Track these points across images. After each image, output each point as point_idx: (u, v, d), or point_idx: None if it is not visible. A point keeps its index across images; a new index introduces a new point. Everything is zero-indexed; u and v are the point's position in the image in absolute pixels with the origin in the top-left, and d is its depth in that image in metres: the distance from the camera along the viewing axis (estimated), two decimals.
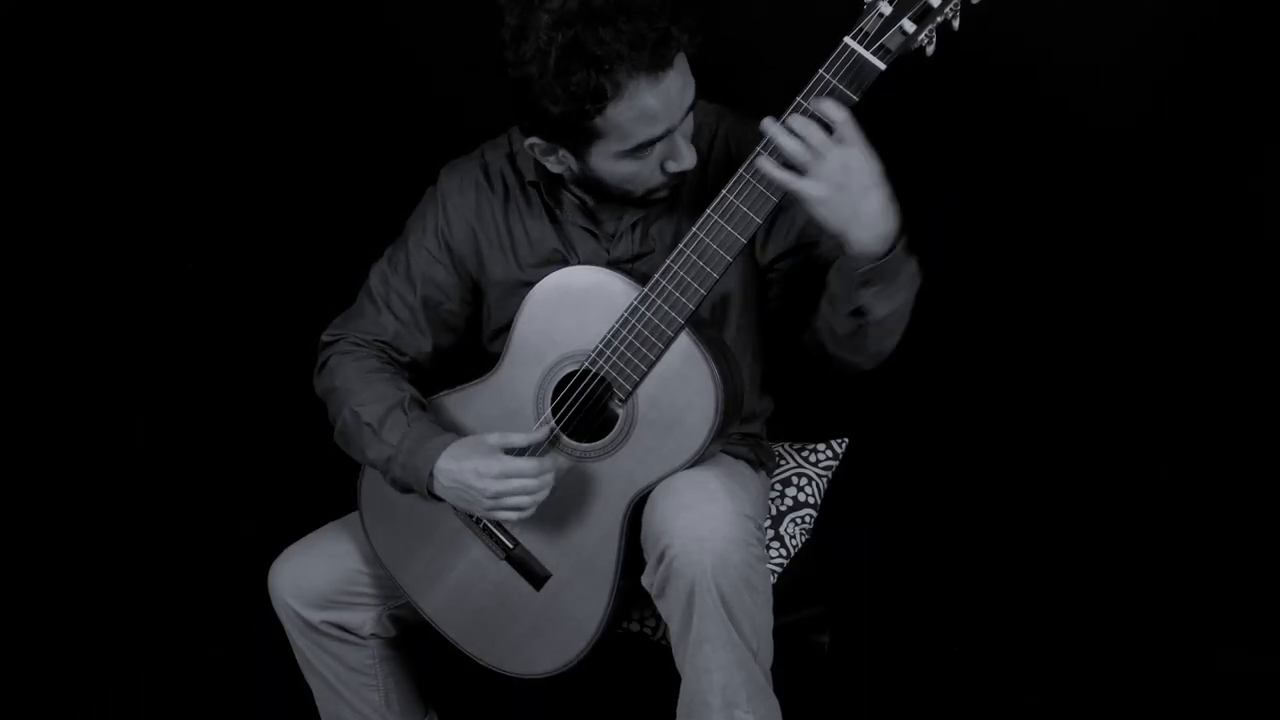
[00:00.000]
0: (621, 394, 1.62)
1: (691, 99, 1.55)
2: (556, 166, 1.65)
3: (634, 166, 1.58)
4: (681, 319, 1.56)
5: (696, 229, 1.55)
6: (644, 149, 1.55)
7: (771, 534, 1.85)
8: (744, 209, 1.52)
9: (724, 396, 1.58)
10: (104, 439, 2.68)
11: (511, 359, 1.70)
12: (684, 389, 1.59)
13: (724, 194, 1.53)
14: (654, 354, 1.58)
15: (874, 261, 1.48)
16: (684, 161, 1.58)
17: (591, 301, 1.63)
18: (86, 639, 2.46)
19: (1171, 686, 2.15)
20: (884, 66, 1.46)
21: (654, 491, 1.61)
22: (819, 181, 1.45)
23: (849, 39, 1.46)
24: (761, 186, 1.51)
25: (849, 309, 1.54)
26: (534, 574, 1.73)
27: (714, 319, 1.74)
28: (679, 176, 1.62)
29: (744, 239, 1.53)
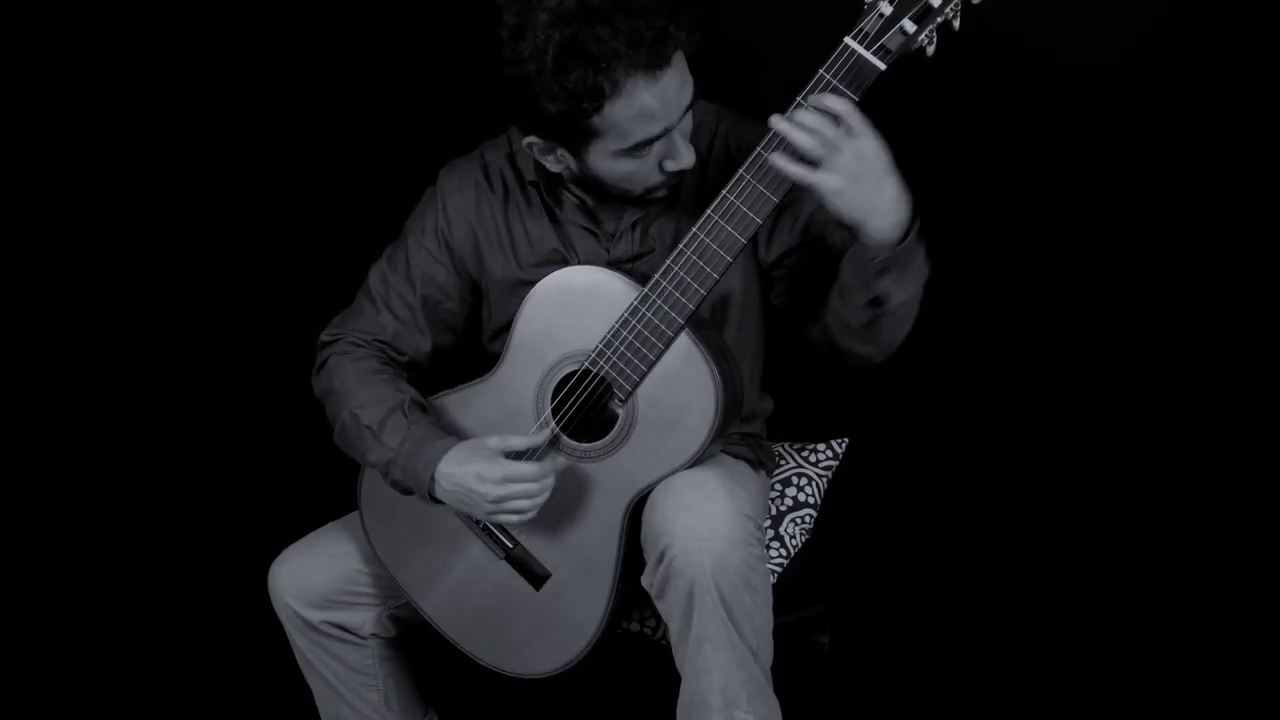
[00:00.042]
0: (621, 394, 1.62)
1: (690, 98, 1.55)
2: (555, 166, 1.65)
3: (632, 165, 1.58)
4: (681, 319, 1.56)
5: (696, 229, 1.55)
6: (642, 148, 1.55)
7: (771, 534, 1.85)
8: (744, 209, 1.52)
9: (724, 396, 1.58)
10: (104, 439, 2.68)
11: (511, 359, 1.70)
12: (684, 389, 1.59)
13: (724, 194, 1.53)
14: (654, 354, 1.58)
15: (891, 249, 1.48)
16: (682, 160, 1.58)
17: (591, 301, 1.63)
18: (86, 639, 2.46)
19: (1171, 686, 2.15)
20: (884, 66, 1.46)
21: (654, 491, 1.61)
22: (835, 173, 1.44)
23: (849, 39, 1.46)
24: (762, 187, 1.51)
25: (866, 298, 1.53)
26: (534, 574, 1.73)
27: (714, 319, 1.74)
28: (678, 176, 1.62)
29: (744, 239, 1.53)
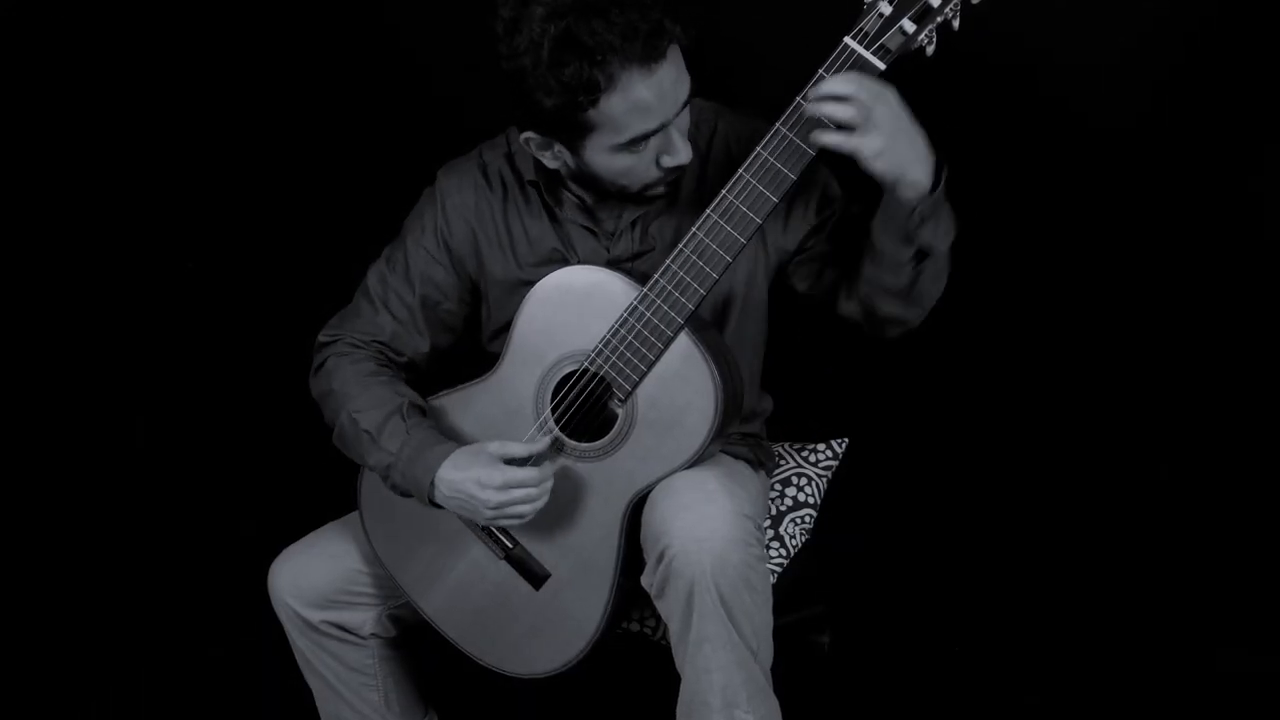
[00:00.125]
0: (621, 394, 1.62)
1: (686, 93, 1.55)
2: (553, 162, 1.64)
3: (629, 161, 1.57)
4: (681, 319, 1.56)
5: (696, 229, 1.55)
6: (639, 143, 1.54)
7: (771, 534, 1.85)
8: (744, 209, 1.52)
9: (723, 396, 1.58)
10: (104, 439, 2.68)
11: (511, 359, 1.69)
12: (683, 389, 1.59)
13: (723, 194, 1.53)
14: (653, 354, 1.58)
15: (927, 198, 1.49)
16: (680, 156, 1.57)
17: (591, 301, 1.62)
18: (86, 639, 2.46)
19: (1171, 686, 2.15)
20: (884, 66, 1.46)
21: (653, 491, 1.61)
22: (875, 133, 1.44)
23: (849, 39, 1.46)
24: (762, 186, 1.51)
25: (909, 255, 1.55)
26: (533, 574, 1.73)
27: (714, 319, 1.74)
28: (675, 172, 1.61)
29: (744, 239, 1.53)
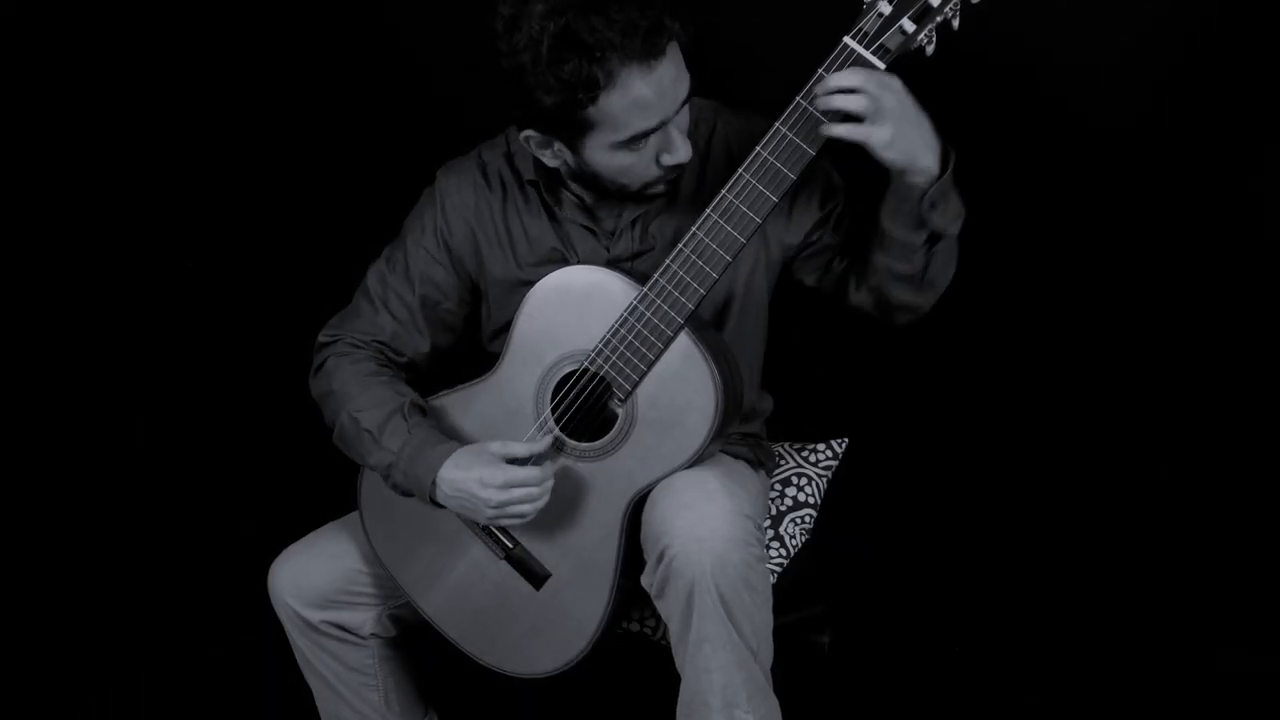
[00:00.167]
0: (621, 393, 1.62)
1: (686, 91, 1.54)
2: (553, 160, 1.64)
3: (629, 159, 1.57)
4: (681, 318, 1.56)
5: (696, 229, 1.55)
6: (638, 140, 1.54)
7: (771, 534, 1.85)
8: (743, 208, 1.52)
9: (723, 396, 1.58)
10: (104, 439, 2.68)
11: (511, 358, 1.69)
12: (683, 389, 1.59)
13: (723, 194, 1.53)
14: (653, 353, 1.58)
15: (936, 182, 1.50)
16: (679, 154, 1.57)
17: (591, 301, 1.62)
18: (86, 639, 2.46)
19: (1171, 686, 2.15)
20: (884, 66, 1.46)
21: (653, 491, 1.61)
22: (884, 124, 1.44)
23: (848, 39, 1.46)
24: (762, 186, 1.51)
25: (920, 240, 1.56)
26: (534, 574, 1.73)
27: (714, 317, 1.73)
28: (675, 170, 1.61)
29: (743, 239, 1.53)
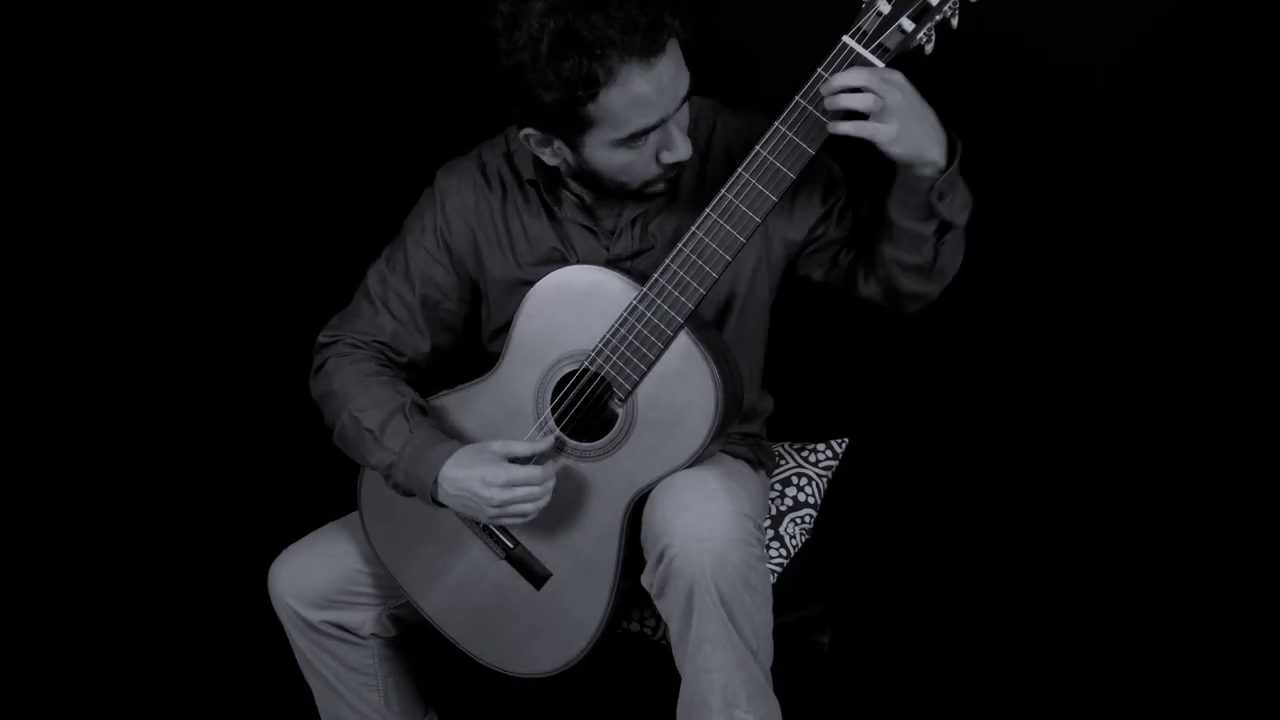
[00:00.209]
0: (621, 393, 1.62)
1: (686, 89, 1.54)
2: (552, 159, 1.64)
3: (629, 156, 1.57)
4: (681, 318, 1.56)
5: (695, 228, 1.55)
6: (638, 138, 1.54)
7: (771, 534, 1.85)
8: (743, 208, 1.52)
9: (724, 396, 1.58)
10: (104, 439, 2.68)
11: (511, 358, 1.69)
12: (684, 388, 1.59)
13: (723, 193, 1.53)
14: (653, 353, 1.58)
15: (944, 173, 1.51)
16: (679, 152, 1.57)
17: (591, 301, 1.62)
18: (86, 639, 2.46)
19: (1171, 686, 2.15)
20: (883, 65, 1.46)
21: (654, 491, 1.61)
22: (890, 120, 1.45)
23: (848, 38, 1.46)
24: (761, 185, 1.51)
25: (930, 230, 1.57)
26: (534, 574, 1.73)
27: (715, 317, 1.73)
28: (675, 169, 1.61)
29: (743, 238, 1.53)
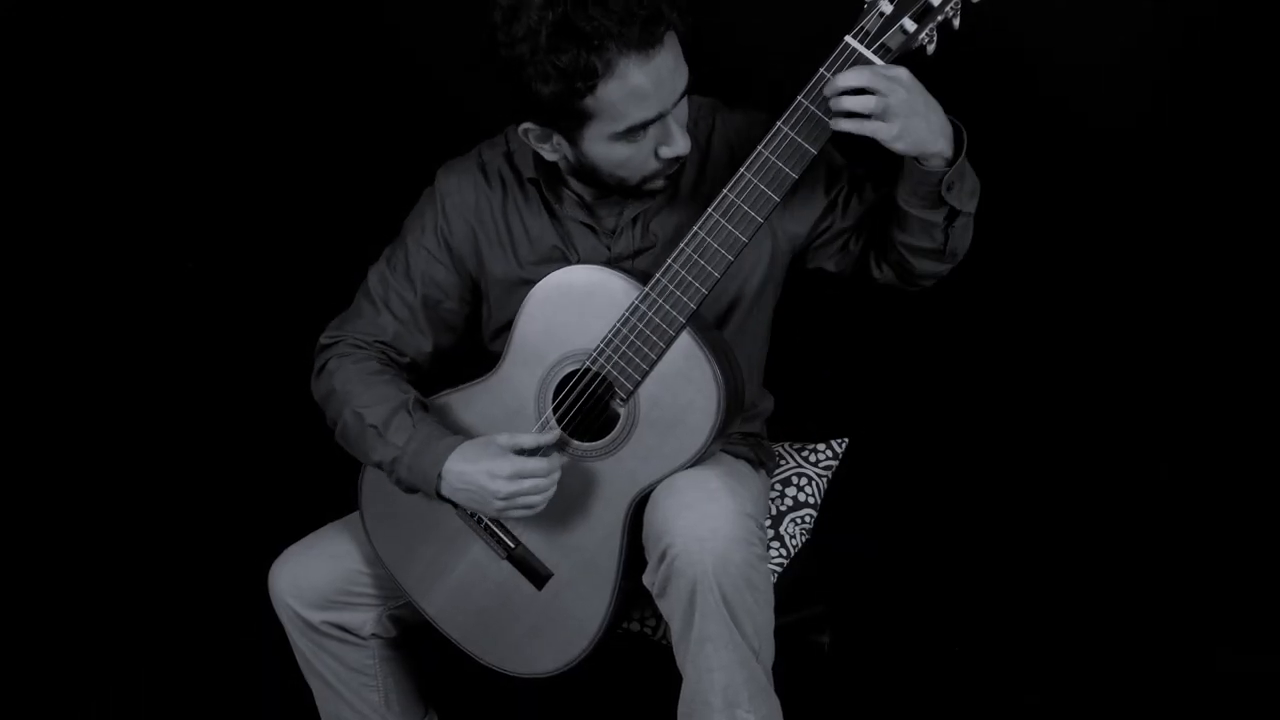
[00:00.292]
0: (623, 393, 1.62)
1: (684, 83, 1.54)
2: (552, 154, 1.64)
3: (628, 151, 1.57)
4: (683, 318, 1.56)
5: (698, 228, 1.55)
6: (637, 131, 1.54)
7: (771, 534, 1.85)
8: (745, 208, 1.52)
9: (726, 395, 1.58)
10: (104, 439, 2.68)
11: (512, 358, 1.69)
12: (686, 388, 1.59)
13: (725, 192, 1.53)
14: (655, 353, 1.58)
15: (951, 164, 1.52)
16: (678, 147, 1.57)
17: (592, 300, 1.62)
18: (86, 639, 2.46)
19: (1171, 686, 2.15)
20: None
21: (655, 490, 1.61)
22: (893, 119, 1.45)
23: (849, 38, 1.46)
24: (763, 185, 1.51)
25: (940, 217, 1.58)
26: (535, 573, 1.73)
27: (717, 316, 1.74)
28: (674, 164, 1.61)
29: (746, 238, 1.53)
